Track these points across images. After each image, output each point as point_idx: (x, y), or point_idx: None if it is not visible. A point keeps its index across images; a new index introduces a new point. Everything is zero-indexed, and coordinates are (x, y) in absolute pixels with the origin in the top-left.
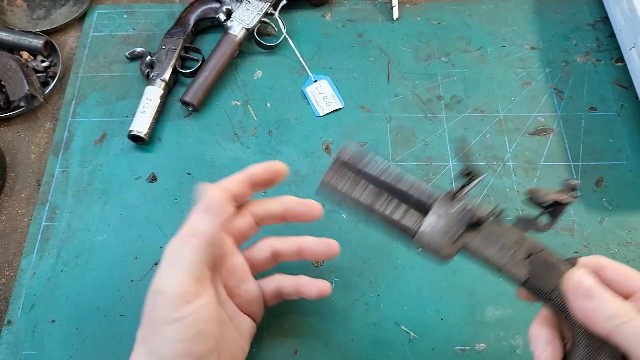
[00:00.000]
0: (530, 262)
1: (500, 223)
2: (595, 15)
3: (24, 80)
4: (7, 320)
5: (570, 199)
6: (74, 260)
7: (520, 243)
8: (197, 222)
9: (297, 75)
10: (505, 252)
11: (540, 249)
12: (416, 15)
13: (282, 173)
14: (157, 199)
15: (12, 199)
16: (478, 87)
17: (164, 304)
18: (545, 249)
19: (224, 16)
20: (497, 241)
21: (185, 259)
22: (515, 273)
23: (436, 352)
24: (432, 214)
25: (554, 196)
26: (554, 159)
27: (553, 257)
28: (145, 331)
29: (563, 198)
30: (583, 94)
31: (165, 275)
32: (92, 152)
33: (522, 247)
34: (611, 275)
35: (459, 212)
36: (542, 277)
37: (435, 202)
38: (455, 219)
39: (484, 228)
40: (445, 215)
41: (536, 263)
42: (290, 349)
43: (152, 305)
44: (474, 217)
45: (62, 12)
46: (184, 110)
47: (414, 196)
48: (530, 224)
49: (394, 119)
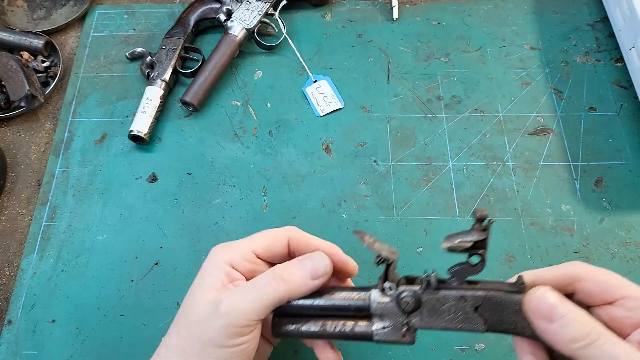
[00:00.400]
0: (479, 314)
1: (437, 293)
2: (595, 15)
3: (24, 81)
4: (8, 320)
5: (484, 233)
6: (74, 260)
7: (462, 301)
8: (298, 275)
9: (297, 75)
10: (453, 316)
11: (482, 297)
12: (416, 15)
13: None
14: (157, 198)
15: (13, 199)
16: (478, 87)
17: (222, 329)
18: (487, 292)
19: (224, 16)
20: (442, 310)
21: (266, 296)
22: (473, 328)
23: (436, 352)
24: (374, 317)
25: (469, 237)
26: (554, 159)
27: (499, 294)
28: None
29: (477, 235)
30: (583, 94)
31: (240, 300)
32: (92, 152)
33: (466, 303)
34: (589, 287)
35: (394, 305)
36: (498, 320)
37: (370, 303)
38: (395, 312)
39: (424, 305)
40: (385, 313)
41: (486, 311)
42: (291, 349)
43: (209, 320)
44: (408, 306)
45: (62, 12)
46: (184, 110)
47: (351, 306)
48: (465, 272)
49: (394, 119)
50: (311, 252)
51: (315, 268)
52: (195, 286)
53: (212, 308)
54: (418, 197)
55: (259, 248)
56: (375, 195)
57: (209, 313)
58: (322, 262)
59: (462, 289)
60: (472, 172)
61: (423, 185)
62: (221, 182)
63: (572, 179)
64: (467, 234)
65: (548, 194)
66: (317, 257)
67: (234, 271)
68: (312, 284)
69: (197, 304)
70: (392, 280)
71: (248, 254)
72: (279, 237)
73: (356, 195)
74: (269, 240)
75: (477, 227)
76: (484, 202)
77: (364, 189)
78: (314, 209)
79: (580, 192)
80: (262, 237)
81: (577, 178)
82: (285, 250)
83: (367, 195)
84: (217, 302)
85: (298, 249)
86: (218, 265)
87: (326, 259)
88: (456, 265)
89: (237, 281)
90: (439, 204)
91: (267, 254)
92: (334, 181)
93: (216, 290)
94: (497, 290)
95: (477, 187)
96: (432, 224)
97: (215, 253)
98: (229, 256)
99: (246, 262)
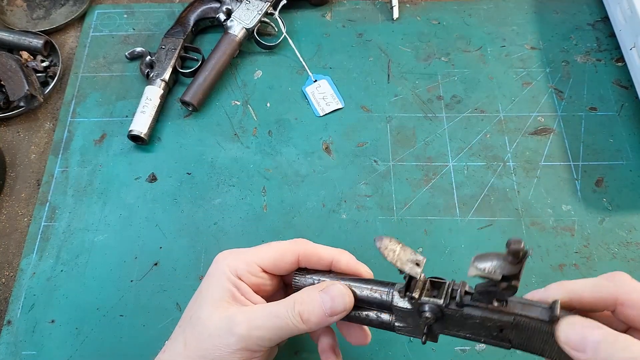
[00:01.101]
0: (505, 334)
1: (460, 311)
2: (595, 15)
3: (23, 80)
4: (7, 320)
5: (517, 267)
6: (73, 260)
7: (488, 321)
8: (317, 314)
9: (297, 75)
10: (477, 331)
11: (509, 323)
12: (416, 15)
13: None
14: (157, 198)
15: (12, 199)
16: (478, 87)
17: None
18: (515, 318)
19: (224, 16)
20: (465, 324)
21: (284, 329)
22: (498, 345)
23: (436, 352)
24: (395, 316)
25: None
26: (554, 159)
27: (528, 321)
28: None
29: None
30: (583, 94)
31: (258, 327)
32: (92, 152)
33: (491, 324)
34: (632, 315)
35: (414, 314)
36: (525, 344)
37: (391, 304)
38: (415, 319)
39: (446, 317)
40: (405, 317)
41: (512, 334)
42: (291, 349)
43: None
44: (428, 320)
45: (62, 12)
46: (184, 110)
47: (374, 300)
48: (493, 294)
49: (394, 118)
50: (324, 267)
51: (333, 306)
52: (203, 296)
53: (227, 326)
54: (418, 197)
55: (266, 262)
56: (375, 195)
57: (223, 331)
58: (341, 299)
59: (488, 310)
60: (472, 172)
61: (423, 185)
62: (221, 182)
63: (572, 179)
64: (498, 262)
65: (549, 194)
66: (337, 293)
67: (241, 282)
68: (330, 320)
69: (209, 317)
70: (415, 289)
71: (254, 268)
72: (287, 252)
73: (356, 195)
74: (277, 256)
75: (510, 259)
76: (484, 202)
77: (364, 189)
78: (314, 209)
79: (580, 192)
80: (270, 251)
81: (577, 178)
82: (294, 266)
83: (367, 195)
84: (232, 320)
85: (310, 264)
86: (225, 274)
87: (346, 296)
88: (485, 284)
89: (249, 295)
90: (440, 204)
91: (274, 270)
92: (334, 181)
93: (228, 303)
94: (526, 317)
95: (478, 187)
96: (432, 224)
97: (222, 261)
98: (235, 267)
99: (251, 275)
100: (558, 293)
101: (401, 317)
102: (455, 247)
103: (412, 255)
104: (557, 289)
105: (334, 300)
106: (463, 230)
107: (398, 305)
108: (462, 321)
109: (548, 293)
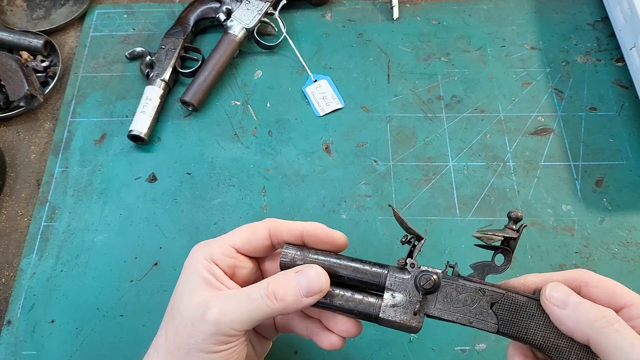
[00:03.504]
0: (494, 312)
1: (457, 280)
2: (595, 15)
3: (23, 80)
4: (7, 320)
5: (516, 233)
6: (73, 260)
7: (480, 295)
8: (291, 293)
9: (297, 75)
10: (467, 308)
11: (500, 295)
12: (416, 15)
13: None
14: (157, 198)
15: (12, 199)
16: (478, 87)
17: (209, 336)
18: (506, 292)
19: (224, 16)
20: (458, 300)
21: (257, 311)
22: (484, 326)
23: (436, 352)
24: (387, 292)
25: (500, 233)
26: (554, 158)
27: (517, 296)
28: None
29: (510, 233)
30: (583, 94)
31: (231, 311)
32: (92, 152)
33: (483, 298)
34: (595, 292)
35: (412, 283)
36: (511, 322)
37: (386, 278)
38: (410, 291)
39: (441, 290)
40: (400, 290)
41: (501, 310)
42: (290, 349)
43: (196, 325)
44: (428, 283)
45: (62, 12)
46: (184, 110)
47: (365, 275)
48: (487, 269)
49: (394, 118)
50: (295, 238)
51: (309, 286)
52: (181, 286)
53: (200, 312)
54: (418, 197)
55: (238, 243)
56: (375, 195)
57: (197, 318)
58: (317, 278)
59: (482, 283)
60: (472, 172)
61: (423, 185)
62: (221, 182)
63: (572, 179)
64: (499, 230)
65: (548, 194)
66: (313, 273)
67: (215, 267)
68: (306, 301)
69: (185, 306)
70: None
71: (227, 249)
72: (258, 230)
73: (356, 195)
74: (248, 235)
75: (510, 226)
76: (484, 202)
77: (364, 189)
78: (314, 209)
79: (580, 192)
80: (240, 232)
81: (577, 178)
82: (267, 242)
83: (367, 195)
84: (205, 306)
85: (280, 238)
86: (199, 261)
87: (322, 275)
88: (479, 261)
89: (223, 280)
90: (440, 204)
91: (248, 248)
92: (334, 181)
93: (204, 290)
94: (516, 292)
95: (478, 187)
96: (432, 224)
97: (195, 251)
98: (209, 252)
99: (226, 258)
100: (533, 279)
101: (392, 293)
102: (455, 247)
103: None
104: (532, 276)
105: (310, 281)
106: (463, 230)
107: (395, 276)
108: (455, 296)
109: (525, 278)
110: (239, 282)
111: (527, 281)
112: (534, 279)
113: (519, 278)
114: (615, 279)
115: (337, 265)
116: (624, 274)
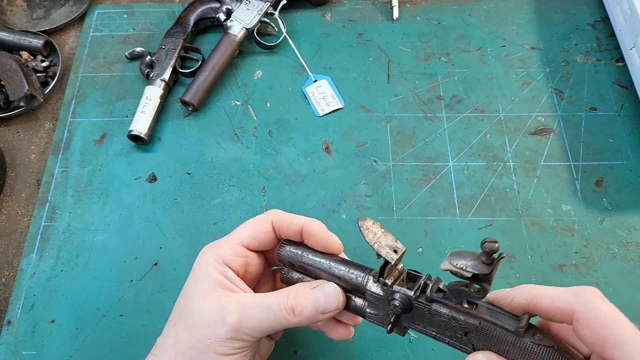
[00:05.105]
0: (469, 339)
1: (430, 305)
2: (595, 15)
3: (23, 80)
4: (7, 320)
5: (489, 267)
6: (73, 260)
7: (454, 321)
8: (309, 310)
9: (297, 75)
10: (442, 331)
11: (474, 326)
12: (416, 15)
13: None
14: (157, 198)
15: (12, 199)
16: (478, 87)
17: (227, 340)
18: (480, 323)
19: (224, 16)
20: (432, 322)
21: (276, 321)
22: (460, 349)
23: (436, 353)
24: (368, 303)
25: (470, 268)
26: (554, 159)
27: (492, 328)
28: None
29: (481, 268)
30: (583, 94)
31: (250, 318)
32: (92, 152)
33: (457, 324)
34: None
35: (385, 301)
36: (488, 348)
37: (365, 289)
38: (385, 307)
39: (415, 309)
40: (377, 303)
41: (476, 339)
42: (290, 349)
43: (214, 327)
44: (397, 309)
45: (62, 12)
46: (184, 110)
47: (349, 281)
48: (464, 295)
49: (394, 119)
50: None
51: (326, 305)
52: (191, 288)
53: (218, 315)
54: (418, 197)
55: (246, 240)
56: (375, 195)
57: (214, 321)
58: (334, 297)
59: (456, 310)
60: (472, 172)
61: (423, 185)
62: (221, 182)
63: (572, 179)
64: (471, 261)
65: (548, 194)
66: (331, 292)
67: (227, 269)
68: (322, 317)
69: (199, 307)
70: (389, 276)
71: (238, 249)
72: (261, 224)
73: (356, 195)
74: (253, 230)
75: (483, 258)
76: (484, 202)
77: (364, 189)
78: (314, 209)
79: (580, 192)
80: (246, 227)
81: (577, 178)
82: (271, 234)
83: (367, 195)
84: (224, 310)
85: (282, 230)
86: (210, 263)
87: (339, 294)
88: (457, 283)
89: (236, 281)
90: (440, 204)
91: (255, 244)
92: (334, 181)
93: (217, 292)
94: (492, 323)
95: (478, 187)
96: (432, 224)
97: (207, 252)
98: (219, 254)
99: (237, 258)
100: (521, 295)
101: (373, 304)
102: (455, 247)
103: (392, 242)
104: (522, 291)
105: (328, 299)
106: (463, 230)
107: (371, 290)
108: (429, 317)
109: (511, 293)
110: (249, 278)
111: (514, 300)
112: (521, 293)
113: (509, 292)
114: (616, 279)
115: (325, 271)
116: (624, 274)
